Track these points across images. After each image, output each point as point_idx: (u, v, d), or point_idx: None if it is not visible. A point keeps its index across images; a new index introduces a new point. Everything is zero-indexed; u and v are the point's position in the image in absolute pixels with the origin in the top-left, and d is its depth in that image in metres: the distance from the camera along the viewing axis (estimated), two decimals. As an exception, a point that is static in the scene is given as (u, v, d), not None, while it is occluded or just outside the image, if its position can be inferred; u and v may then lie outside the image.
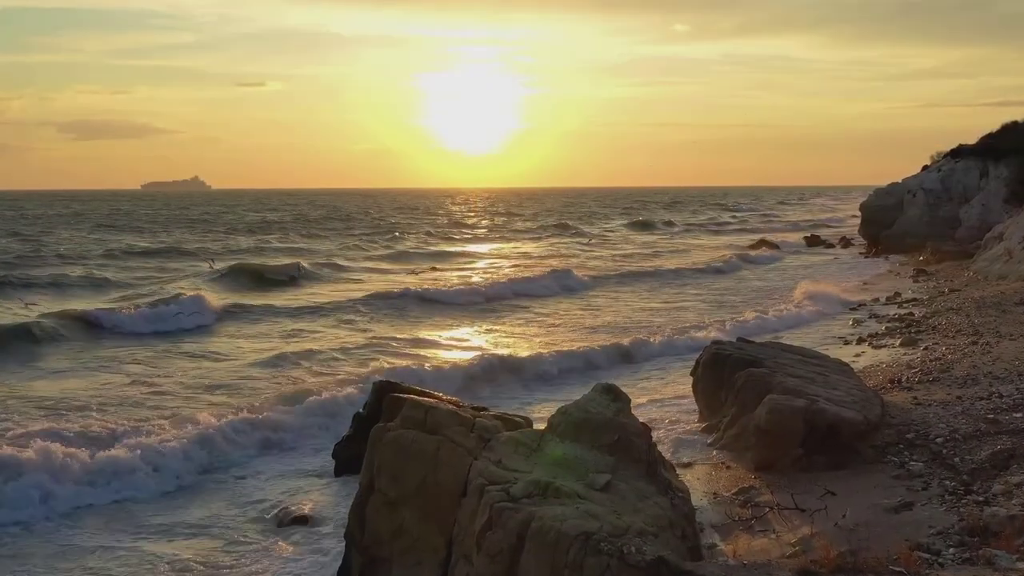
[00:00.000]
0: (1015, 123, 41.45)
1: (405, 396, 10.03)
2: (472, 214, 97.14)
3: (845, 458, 10.00)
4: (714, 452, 11.32)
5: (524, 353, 18.32)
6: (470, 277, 33.84)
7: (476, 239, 58.80)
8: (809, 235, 54.79)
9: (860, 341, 18.89)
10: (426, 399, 9.72)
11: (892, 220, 42.81)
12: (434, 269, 37.91)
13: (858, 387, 11.89)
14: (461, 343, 20.60)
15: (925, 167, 45.40)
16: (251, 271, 33.37)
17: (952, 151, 43.25)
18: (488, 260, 43.25)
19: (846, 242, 49.72)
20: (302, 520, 9.25)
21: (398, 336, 20.77)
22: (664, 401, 14.62)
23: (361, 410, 11.41)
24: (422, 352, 19.08)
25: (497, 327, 22.88)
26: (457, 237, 59.73)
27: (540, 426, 8.21)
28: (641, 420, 8.55)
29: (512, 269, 37.05)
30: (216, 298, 25.57)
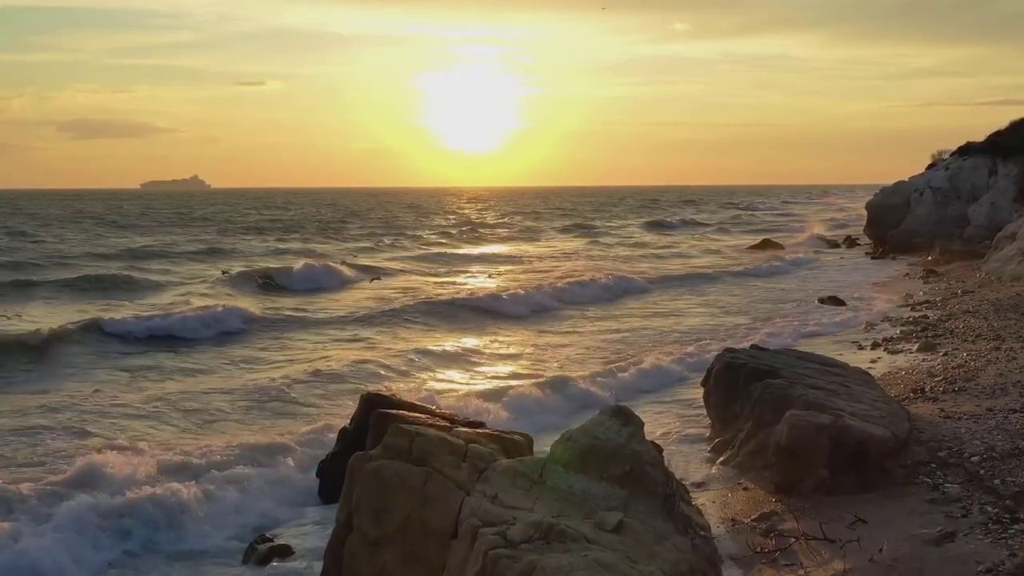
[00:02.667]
0: (1024, 120, 40.61)
1: (394, 412, 9.26)
2: (486, 213, 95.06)
3: (873, 479, 9.17)
4: (728, 470, 10.50)
5: (584, 368, 16.67)
6: (516, 282, 31.30)
7: (501, 239, 56.35)
8: (814, 234, 53.95)
9: (875, 346, 18.03)
10: (415, 416, 8.92)
11: (899, 219, 41.92)
12: (491, 275, 35.68)
13: (883, 399, 11.05)
14: (515, 357, 18.64)
15: (931, 166, 44.58)
16: (281, 274, 31.75)
17: (960, 149, 42.38)
18: (526, 262, 40.99)
19: (851, 242, 48.84)
20: (278, 554, 8.35)
21: (445, 348, 19.09)
22: (674, 411, 13.80)
23: (348, 424, 10.55)
24: (467, 368, 17.39)
25: (552, 338, 21.05)
26: (484, 237, 57.42)
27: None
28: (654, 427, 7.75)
29: (559, 273, 34.75)
30: (242, 303, 24.15)
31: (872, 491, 9.01)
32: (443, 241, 53.73)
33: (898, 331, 19.43)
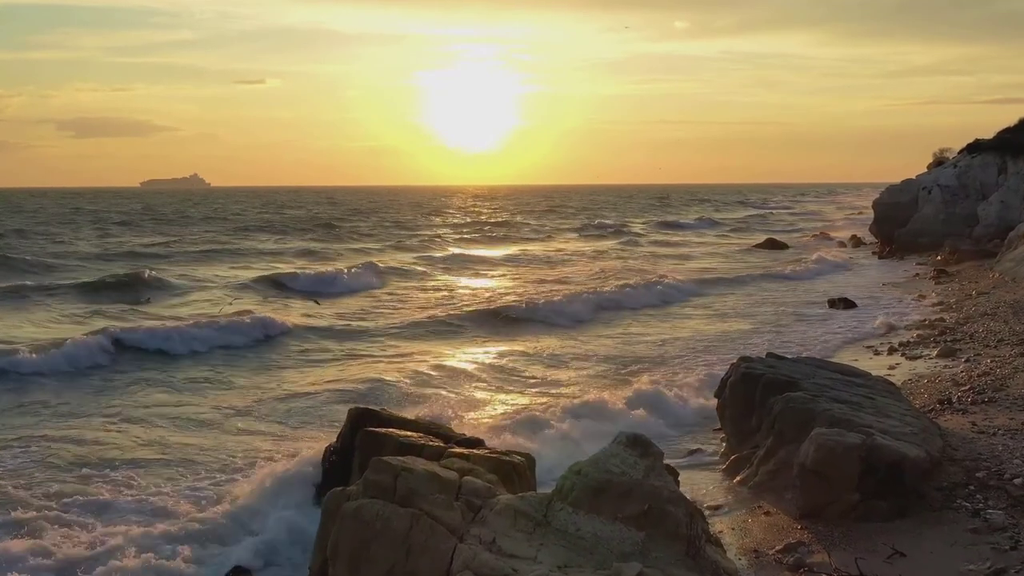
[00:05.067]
0: (1033, 117, 39.85)
1: (383, 432, 8.50)
2: (498, 212, 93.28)
3: (908, 504, 8.37)
4: (746, 491, 9.68)
5: (596, 382, 15.51)
6: (553, 288, 29.57)
7: (522, 240, 54.46)
8: (819, 232, 53.19)
9: (892, 351, 17.24)
10: (406, 435, 8.15)
11: (906, 218, 41.09)
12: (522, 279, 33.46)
13: (912, 413, 10.27)
14: (527, 365, 17.36)
15: (938, 164, 43.82)
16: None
17: (969, 146, 41.64)
18: (553, 265, 39.26)
19: (857, 241, 47.99)
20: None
21: (459, 357, 18.04)
22: (684, 424, 12.98)
23: (334, 443, 9.75)
24: (475, 378, 16.17)
25: (570, 344, 19.80)
26: (503, 238, 55.53)
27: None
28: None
29: (592, 275, 33.55)
30: (268, 311, 22.63)
31: (907, 517, 8.22)
32: (462, 242, 51.89)
33: (914, 335, 18.64)
